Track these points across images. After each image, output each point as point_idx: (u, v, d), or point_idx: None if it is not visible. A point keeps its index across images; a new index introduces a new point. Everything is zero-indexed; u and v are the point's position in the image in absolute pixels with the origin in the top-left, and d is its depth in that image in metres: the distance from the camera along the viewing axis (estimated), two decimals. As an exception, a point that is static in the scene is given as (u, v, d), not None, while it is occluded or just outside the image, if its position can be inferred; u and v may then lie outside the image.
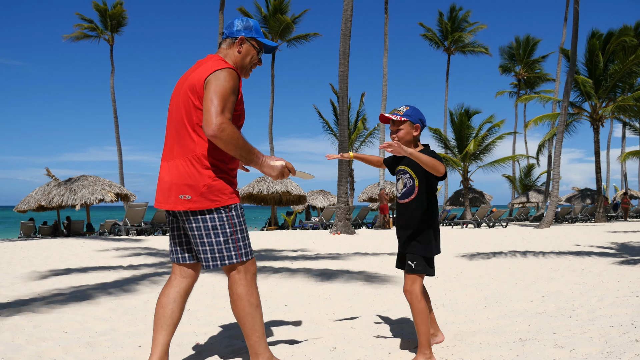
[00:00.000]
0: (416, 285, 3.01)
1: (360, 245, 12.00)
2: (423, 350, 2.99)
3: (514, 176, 44.99)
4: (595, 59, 23.95)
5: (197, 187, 2.63)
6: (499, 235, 15.40)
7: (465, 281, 6.31)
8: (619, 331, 3.45)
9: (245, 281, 2.74)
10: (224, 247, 2.69)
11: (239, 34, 2.86)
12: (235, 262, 2.71)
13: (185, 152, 2.67)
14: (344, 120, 17.36)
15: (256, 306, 2.75)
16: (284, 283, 6.28)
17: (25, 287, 6.17)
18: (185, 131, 2.68)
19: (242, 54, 2.87)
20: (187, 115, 2.67)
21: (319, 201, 32.13)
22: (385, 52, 27.30)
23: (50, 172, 22.94)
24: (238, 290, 2.72)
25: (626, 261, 7.83)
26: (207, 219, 2.66)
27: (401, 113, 3.08)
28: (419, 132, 3.10)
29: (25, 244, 13.15)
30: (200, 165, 2.64)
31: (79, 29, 35.59)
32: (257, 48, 2.91)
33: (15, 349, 3.41)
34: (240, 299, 2.72)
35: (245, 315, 2.72)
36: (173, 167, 2.70)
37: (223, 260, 2.70)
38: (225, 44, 2.88)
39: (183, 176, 2.65)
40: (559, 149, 20.89)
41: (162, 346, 2.78)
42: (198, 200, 2.63)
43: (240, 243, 2.73)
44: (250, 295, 2.74)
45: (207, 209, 2.65)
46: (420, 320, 2.99)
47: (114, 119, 35.57)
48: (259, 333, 2.74)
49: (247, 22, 2.89)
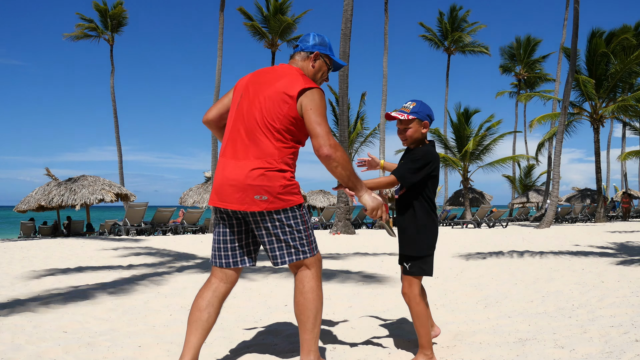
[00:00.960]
0: (413, 287, 2.95)
1: (360, 245, 12.00)
2: (424, 351, 2.96)
3: (514, 176, 44.99)
4: (598, 59, 23.94)
5: (274, 188, 2.67)
6: (499, 236, 15.40)
7: (465, 281, 6.31)
8: (619, 331, 3.45)
9: (316, 275, 2.81)
10: (299, 243, 2.77)
11: (315, 49, 2.92)
12: (309, 256, 2.79)
13: (264, 155, 2.69)
14: (344, 120, 17.36)
15: (322, 302, 2.81)
16: (284, 283, 6.28)
17: (25, 287, 6.17)
18: (264, 135, 2.70)
19: (315, 69, 2.93)
20: (270, 120, 2.70)
21: (319, 201, 32.12)
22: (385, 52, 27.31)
23: (50, 172, 22.92)
24: (310, 283, 2.78)
25: (626, 261, 7.83)
26: (282, 218, 2.73)
27: (408, 110, 2.95)
28: (427, 129, 2.99)
29: (25, 244, 13.15)
30: (278, 168, 2.69)
31: (79, 29, 35.60)
32: (328, 65, 2.98)
33: (15, 349, 3.41)
34: (312, 291, 2.76)
35: (313, 308, 2.75)
36: (247, 167, 2.68)
37: (298, 255, 2.77)
38: (300, 56, 2.93)
39: (261, 178, 2.67)
40: (559, 149, 20.89)
41: (194, 349, 2.76)
42: (274, 200, 2.68)
43: (312, 238, 2.83)
44: (319, 289, 2.80)
45: (282, 209, 2.71)
46: (420, 323, 2.95)
47: (114, 119, 35.58)
48: (318, 330, 2.78)
49: (322, 39, 2.95)
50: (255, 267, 7.80)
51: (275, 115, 2.70)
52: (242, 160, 2.70)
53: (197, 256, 9.75)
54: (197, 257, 9.50)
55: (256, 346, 3.48)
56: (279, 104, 2.70)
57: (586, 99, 24.69)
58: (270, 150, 2.69)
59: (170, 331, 3.99)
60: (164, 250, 11.03)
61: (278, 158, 2.69)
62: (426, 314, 2.98)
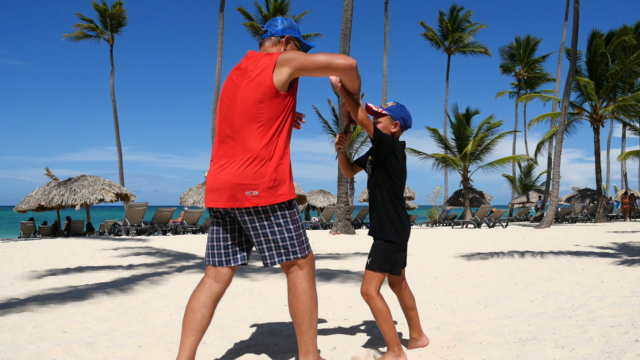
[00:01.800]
0: (371, 285, 2.93)
1: (360, 245, 12.00)
2: (392, 348, 2.94)
3: (513, 176, 44.99)
4: (598, 59, 23.95)
5: (265, 182, 2.63)
6: (499, 236, 15.40)
7: (465, 281, 6.31)
8: (619, 331, 3.44)
9: (308, 276, 2.76)
10: (289, 243, 2.71)
11: (285, 32, 2.87)
12: (300, 256, 2.74)
13: (249, 149, 2.65)
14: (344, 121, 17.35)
15: (316, 302, 2.77)
16: (283, 283, 6.28)
17: (25, 287, 6.17)
18: (247, 129, 2.67)
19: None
20: (250, 113, 2.66)
21: (319, 201, 32.12)
22: (385, 52, 27.30)
23: (50, 172, 22.94)
24: (302, 285, 2.74)
25: (626, 261, 7.83)
26: (271, 217, 2.68)
27: (385, 107, 3.05)
28: (397, 129, 3.03)
29: (25, 244, 13.15)
30: (265, 162, 2.65)
31: (79, 29, 35.60)
32: (299, 48, 2.93)
33: (15, 349, 3.41)
34: (304, 293, 2.73)
35: (307, 310, 2.72)
36: (235, 164, 2.66)
37: (288, 255, 2.72)
38: (270, 42, 2.87)
39: (249, 173, 2.63)
40: (559, 149, 20.90)
41: (189, 351, 2.76)
42: (265, 195, 2.63)
43: (303, 237, 2.77)
44: (312, 290, 2.76)
45: (270, 205, 2.66)
46: (381, 319, 2.92)
47: (114, 119, 35.57)
48: (315, 330, 2.75)
49: (290, 22, 2.91)
50: (256, 267, 7.79)
51: (255, 106, 2.65)
52: (231, 158, 2.69)
53: (197, 256, 9.75)
54: (197, 257, 9.50)
55: (256, 346, 3.48)
56: (253, 90, 2.66)
57: (586, 99, 24.69)
58: (254, 143, 2.65)
59: (170, 331, 3.99)
60: (164, 250, 11.04)
61: (263, 150, 2.64)
62: (386, 311, 2.93)
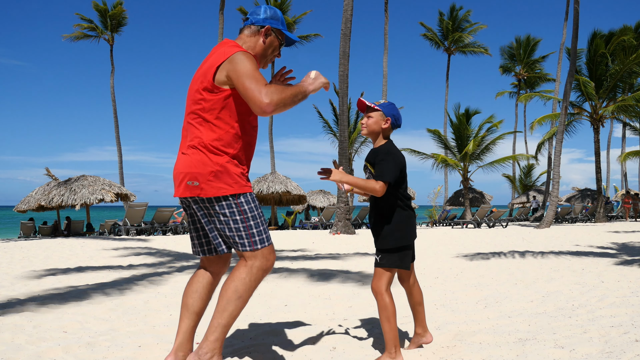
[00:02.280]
0: (382, 282, 2.96)
1: (360, 245, 12.00)
2: (389, 349, 2.93)
3: (514, 176, 45.00)
4: (598, 59, 23.94)
5: (205, 174, 2.59)
6: (499, 236, 15.40)
7: (465, 281, 6.31)
8: (619, 331, 3.44)
9: (248, 270, 2.65)
10: (236, 234, 2.64)
11: (266, 23, 2.77)
12: (249, 249, 2.65)
13: (194, 139, 2.64)
14: (344, 120, 17.36)
15: (239, 297, 2.62)
16: (283, 283, 6.28)
17: (25, 287, 6.17)
18: (193, 119, 2.66)
19: (267, 45, 2.78)
20: (194, 104, 2.65)
21: (319, 201, 32.11)
22: (385, 52, 27.30)
23: (50, 172, 22.97)
24: (236, 273, 2.66)
25: (626, 261, 7.83)
26: (215, 206, 2.62)
27: (378, 103, 3.10)
28: (388, 126, 3.06)
29: (25, 244, 13.15)
30: (208, 152, 2.61)
31: (79, 29, 35.61)
32: (280, 40, 2.83)
33: (15, 349, 3.41)
34: (232, 280, 2.64)
35: (223, 297, 2.63)
36: (183, 155, 2.68)
37: (237, 246, 2.66)
38: (249, 30, 2.78)
39: (193, 163, 2.62)
40: (559, 149, 20.90)
41: (183, 333, 2.81)
42: (204, 187, 2.59)
43: (253, 231, 2.65)
44: (247, 285, 2.63)
45: (215, 197, 2.60)
46: (384, 316, 2.93)
47: (114, 119, 35.59)
48: (224, 322, 2.62)
49: (274, 12, 2.80)
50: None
51: (198, 95, 2.63)
52: (182, 149, 2.71)
53: (197, 256, 9.74)
54: (197, 257, 9.51)
55: (256, 346, 3.48)
56: (199, 85, 2.63)
57: (586, 99, 24.69)
58: (197, 133, 2.63)
59: (170, 331, 3.99)
60: (164, 250, 11.03)
61: (206, 140, 2.61)
62: (391, 309, 2.94)
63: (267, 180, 26.28)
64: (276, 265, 7.92)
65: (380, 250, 3.01)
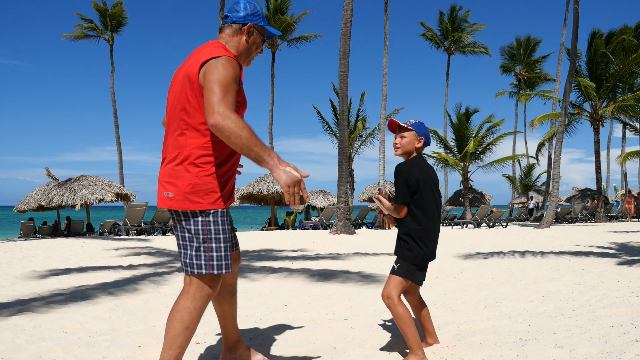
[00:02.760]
0: (394, 291, 2.98)
1: (360, 245, 12.00)
2: (415, 352, 2.97)
3: (514, 176, 45.00)
4: (598, 59, 23.95)
5: (182, 186, 2.43)
6: (499, 236, 15.40)
7: (465, 281, 6.31)
8: (619, 331, 3.45)
9: (193, 297, 2.47)
10: (195, 254, 2.46)
11: (247, 20, 2.65)
12: (204, 273, 2.46)
13: (176, 147, 2.48)
14: (344, 120, 17.36)
15: (186, 327, 2.46)
16: (283, 283, 6.28)
17: (25, 287, 6.17)
18: (177, 125, 2.49)
19: (250, 43, 2.67)
20: (180, 109, 2.48)
21: (319, 201, 32.10)
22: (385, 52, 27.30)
23: (50, 172, 22.97)
24: (180, 302, 2.49)
25: (626, 261, 7.83)
26: (183, 222, 2.47)
27: (410, 123, 3.17)
28: (421, 145, 3.14)
29: (25, 244, 13.15)
30: (187, 163, 2.44)
31: (79, 29, 35.61)
32: (263, 37, 2.72)
33: (15, 349, 3.41)
34: (177, 311, 2.47)
35: (170, 329, 2.47)
36: (164, 162, 2.54)
37: (192, 268, 2.46)
38: (231, 29, 2.65)
39: (170, 173, 2.47)
40: (559, 149, 20.90)
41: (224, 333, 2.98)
42: (179, 199, 2.44)
43: (213, 253, 2.46)
44: (189, 314, 2.46)
45: (185, 211, 2.45)
46: (403, 324, 2.96)
47: (114, 119, 35.60)
48: (175, 354, 2.45)
49: (254, 8, 2.68)
50: (255, 267, 7.79)
51: (184, 101, 2.47)
52: (163, 156, 2.56)
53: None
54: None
55: (256, 346, 3.48)
56: (185, 89, 2.47)
57: (586, 99, 24.69)
58: (180, 141, 2.46)
59: (170, 331, 3.98)
60: (164, 250, 11.03)
61: (188, 150, 2.44)
62: (407, 315, 2.97)
63: (267, 180, 26.28)
64: (276, 265, 7.92)
65: (400, 258, 3.05)
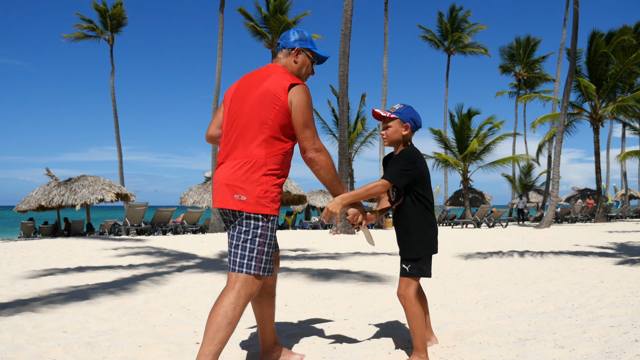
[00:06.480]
0: (410, 289, 2.95)
1: (360, 245, 12.00)
2: (419, 353, 2.96)
3: (513, 176, 45.00)
4: (598, 59, 23.95)
5: (255, 190, 2.64)
6: (498, 235, 15.40)
7: (465, 281, 6.31)
8: (619, 331, 3.45)
9: (238, 294, 2.64)
10: (248, 254, 2.66)
11: (295, 44, 2.96)
12: (253, 273, 2.66)
13: (250, 155, 2.68)
14: (344, 121, 17.37)
15: (229, 322, 2.60)
16: (283, 283, 6.28)
17: (25, 287, 6.17)
18: (254, 135, 2.70)
19: (299, 65, 2.97)
20: (260, 122, 2.70)
21: (319, 201, 32.11)
22: (385, 52, 27.31)
23: (50, 172, 22.93)
24: (224, 298, 2.63)
25: (626, 261, 7.83)
26: (249, 223, 2.66)
27: (393, 110, 3.02)
28: (408, 132, 3.00)
29: (25, 244, 13.15)
30: (262, 172, 2.67)
31: (79, 29, 35.59)
32: (312, 59, 3.02)
33: (15, 349, 3.41)
34: (221, 306, 2.60)
35: (213, 324, 2.59)
36: (232, 166, 2.70)
37: (242, 267, 2.66)
38: (282, 54, 2.98)
39: (243, 178, 2.66)
40: (558, 149, 20.90)
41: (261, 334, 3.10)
42: (252, 203, 2.64)
43: (263, 257, 2.69)
44: (233, 309, 2.60)
45: (256, 214, 2.65)
46: (416, 324, 2.94)
47: (114, 119, 35.57)
48: (215, 349, 2.57)
49: (302, 34, 3.00)
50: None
51: (265, 116, 2.70)
52: (230, 160, 2.73)
53: (197, 256, 9.75)
54: (197, 257, 9.51)
55: (256, 346, 3.48)
56: (267, 104, 2.70)
57: (586, 99, 24.71)
58: (257, 151, 2.68)
59: (170, 331, 3.99)
60: (164, 250, 11.03)
61: (264, 160, 2.68)
62: (422, 316, 2.96)
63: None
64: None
65: (408, 260, 2.98)
